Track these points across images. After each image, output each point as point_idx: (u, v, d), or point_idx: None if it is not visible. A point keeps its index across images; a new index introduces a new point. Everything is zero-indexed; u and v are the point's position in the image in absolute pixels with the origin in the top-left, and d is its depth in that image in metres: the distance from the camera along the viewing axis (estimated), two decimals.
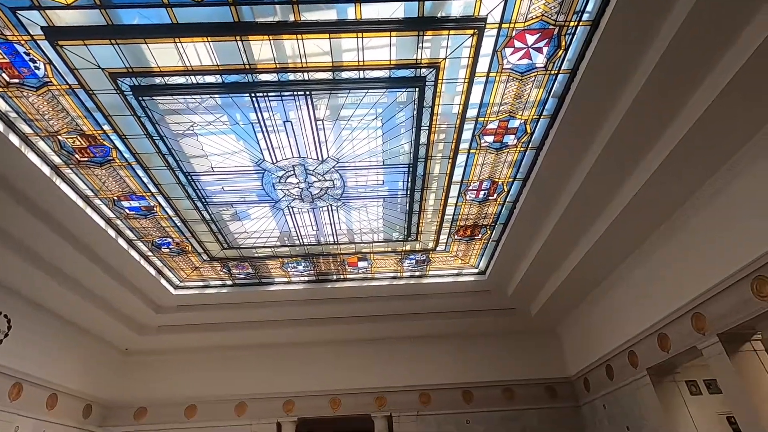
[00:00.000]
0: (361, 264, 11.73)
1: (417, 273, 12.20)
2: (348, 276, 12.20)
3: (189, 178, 8.28)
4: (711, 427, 9.58)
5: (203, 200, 8.92)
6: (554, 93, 6.97)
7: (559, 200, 8.96)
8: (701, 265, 8.14)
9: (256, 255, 11.09)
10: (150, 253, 10.59)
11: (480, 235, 10.71)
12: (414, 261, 11.68)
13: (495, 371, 14.06)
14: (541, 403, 13.54)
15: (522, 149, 8.10)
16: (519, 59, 6.43)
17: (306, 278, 12.14)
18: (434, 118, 7.35)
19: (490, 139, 7.87)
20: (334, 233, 10.40)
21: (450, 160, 8.29)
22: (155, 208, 9.09)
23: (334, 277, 12.18)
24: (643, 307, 9.97)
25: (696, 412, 9.66)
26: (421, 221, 10.07)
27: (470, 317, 13.66)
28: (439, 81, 6.71)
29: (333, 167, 8.32)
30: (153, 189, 8.51)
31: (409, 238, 10.65)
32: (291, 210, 9.48)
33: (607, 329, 11.60)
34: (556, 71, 6.59)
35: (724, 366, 7.81)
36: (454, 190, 9.14)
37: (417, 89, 6.81)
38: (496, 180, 8.91)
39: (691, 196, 8.16)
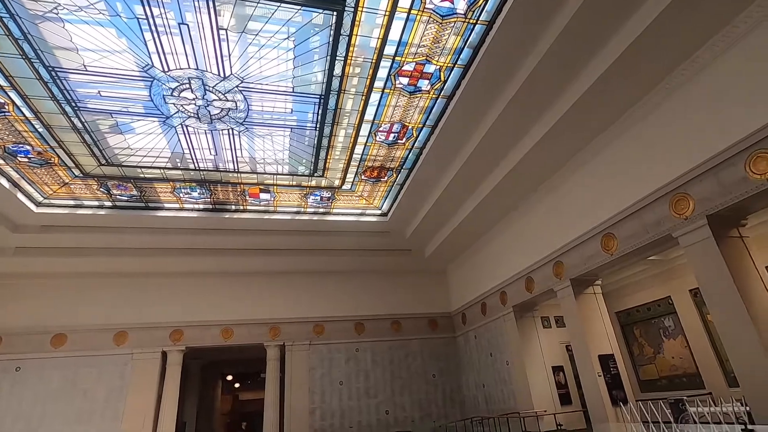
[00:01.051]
0: (263, 196, 11.27)
1: (321, 210, 12.16)
2: (248, 207, 11.68)
3: (53, 74, 6.89)
4: (554, 352, 11.67)
5: (73, 104, 7.56)
6: (470, 43, 7.04)
7: (462, 151, 9.43)
8: (563, 223, 9.56)
9: (141, 176, 9.94)
10: (1, 161, 8.86)
11: (386, 178, 10.91)
12: (319, 197, 11.57)
13: (386, 306, 15.14)
14: (423, 333, 15.07)
15: (434, 96, 8.20)
16: (442, 0, 6.30)
17: (201, 206, 11.35)
18: (351, 49, 6.98)
19: (404, 81, 7.79)
20: (235, 160, 9.72)
21: (363, 97, 8.08)
22: (6, 106, 7.49)
23: (233, 207, 11.58)
24: (517, 256, 11.36)
25: (545, 341, 11.63)
26: (329, 157, 9.87)
27: (369, 256, 14.27)
28: (359, 8, 6.31)
29: (236, 87, 7.57)
30: (2, 81, 6.95)
31: (316, 174, 10.44)
32: (185, 129, 8.54)
33: (486, 272, 13.07)
34: (474, 20, 6.61)
35: (570, 305, 9.38)
36: (365, 130, 9.03)
37: (335, 13, 6.34)
38: (407, 124, 8.99)
39: (564, 164, 9.32)
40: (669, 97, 6.98)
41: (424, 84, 7.90)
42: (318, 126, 8.74)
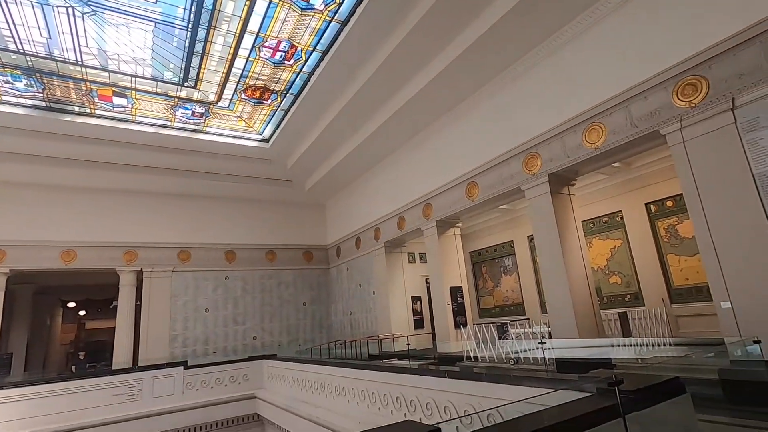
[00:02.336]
0: (117, 101, 9.57)
1: (192, 126, 10.89)
2: (98, 112, 9.85)
3: None
4: (415, 284, 12.98)
5: None
6: None
7: (351, 84, 9.19)
8: (435, 170, 10.26)
9: None
10: None
11: (269, 101, 10.15)
12: (190, 112, 10.30)
13: (262, 236, 14.82)
14: (298, 264, 15.30)
15: (327, 18, 7.65)
16: None
17: (30, 102, 9.18)
18: None
19: None
20: (77, 49, 7.92)
21: (248, 2, 7.14)
22: None
23: (77, 109, 9.64)
24: (392, 196, 11.97)
25: (408, 274, 12.83)
26: (203, 67, 8.70)
27: (246, 183, 13.53)
28: None
29: None
30: None
31: (186, 84, 9.17)
32: None
33: (363, 210, 13.57)
34: None
35: (433, 243, 10.39)
36: (248, 42, 8.10)
37: None
38: (296, 44, 8.31)
39: (441, 116, 9.85)
40: (528, 71, 7.69)
41: (317, 1, 7.28)
42: (191, 26, 7.53)
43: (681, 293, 8.73)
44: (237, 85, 9.43)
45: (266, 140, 11.87)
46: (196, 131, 11.01)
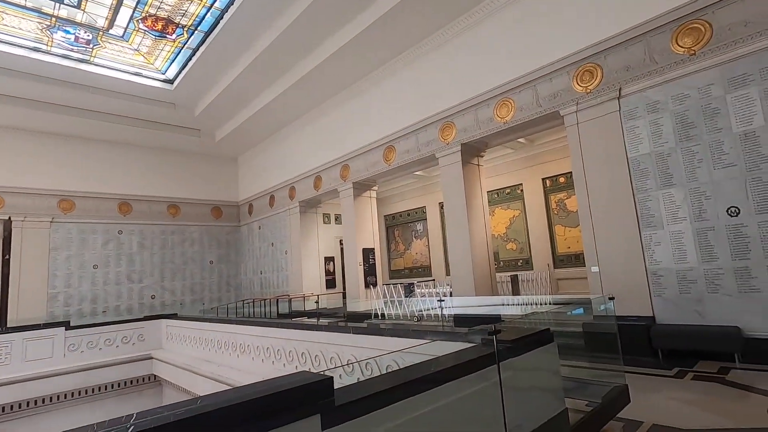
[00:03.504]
0: None
1: (77, 55, 9.30)
2: None
3: None
4: (328, 245, 13.01)
5: None
6: None
7: (270, 30, 8.49)
8: (354, 131, 10.16)
9: None
10: None
11: (174, 36, 9.01)
12: (73, 37, 8.75)
13: (164, 187, 13.56)
14: (206, 221, 14.37)
15: None
16: None
17: None
18: None
19: None
20: None
21: None
22: None
23: None
24: (310, 154, 11.64)
25: (322, 235, 12.79)
26: None
27: (146, 128, 12.09)
28: None
29: None
30: None
31: (66, 1, 7.71)
32: None
33: (279, 167, 13.04)
34: None
35: (349, 205, 10.41)
36: None
37: None
38: None
39: (364, 77, 9.66)
40: (448, 42, 7.81)
41: None
42: None
43: (563, 259, 9.93)
44: (133, 12, 8.18)
45: (170, 81, 10.63)
46: (81, 61, 9.44)
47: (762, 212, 4.55)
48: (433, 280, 12.60)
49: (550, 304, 7.39)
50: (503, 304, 7.82)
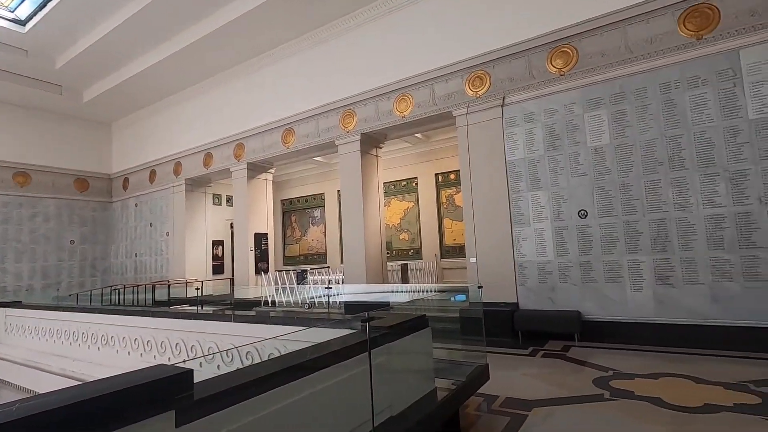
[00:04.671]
0: None
1: None
2: None
3: None
4: (218, 228, 12.16)
5: None
6: None
7: None
8: (253, 108, 9.60)
9: None
10: None
11: None
12: None
13: (8, 149, 11.27)
14: (65, 193, 12.32)
15: None
16: None
17: None
18: None
19: None
20: None
21: None
22: None
23: None
24: (201, 128, 10.69)
25: (211, 217, 11.91)
26: None
27: None
28: None
29: None
30: None
31: None
32: None
33: (164, 138, 11.74)
34: None
35: (242, 186, 9.82)
36: None
37: None
38: None
39: (266, 51, 9.17)
40: (356, 29, 7.83)
41: None
42: None
43: (449, 250, 10.72)
44: None
45: (21, 22, 8.79)
46: None
47: (603, 215, 5.44)
48: (328, 267, 12.62)
49: (434, 291, 7.93)
50: (393, 292, 8.18)
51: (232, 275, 11.48)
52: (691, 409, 3.09)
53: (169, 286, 10.42)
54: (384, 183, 9.14)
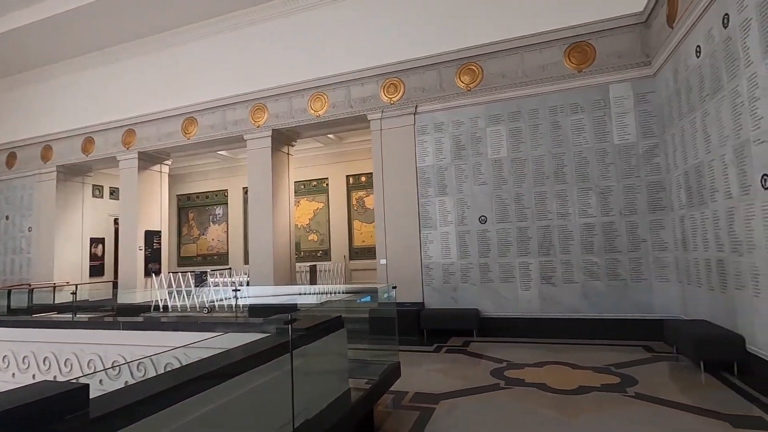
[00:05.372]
0: None
1: None
2: None
3: None
4: (98, 224, 10.67)
5: None
6: None
7: None
8: (147, 91, 8.63)
9: None
10: None
11: None
12: None
13: None
14: None
15: None
16: None
17: None
18: None
19: None
20: None
21: None
22: None
23: None
24: (81, 107, 9.28)
25: (90, 211, 10.41)
26: None
27: None
28: None
29: None
30: None
31: None
32: None
33: (29, 116, 9.96)
34: None
35: (132, 178, 8.76)
36: None
37: None
38: None
39: (163, 32, 8.37)
40: (274, 19, 7.57)
41: None
42: None
43: (358, 252, 10.83)
44: None
45: None
46: None
47: (500, 221, 5.99)
48: (230, 268, 11.88)
49: (343, 293, 7.93)
50: (300, 294, 7.99)
51: (116, 277, 10.17)
52: (569, 391, 3.55)
53: (31, 290, 8.86)
54: (295, 181, 8.90)
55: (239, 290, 5.35)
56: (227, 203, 12.58)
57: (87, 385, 1.23)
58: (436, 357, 4.97)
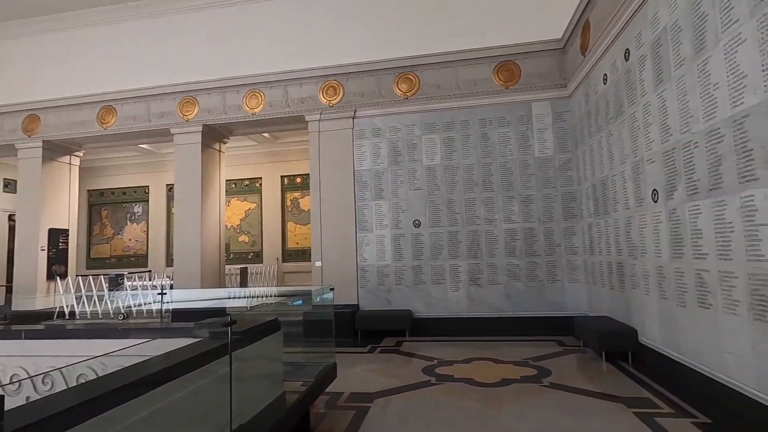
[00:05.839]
0: None
1: None
2: None
3: None
4: None
5: None
6: None
7: None
8: (54, 74, 7.79)
9: None
10: None
11: None
12: None
13: None
14: None
15: None
16: None
17: None
18: None
19: None
20: None
21: None
22: None
23: None
24: None
25: None
26: None
27: None
28: None
29: None
30: None
31: None
32: None
33: None
34: None
35: (33, 169, 7.80)
36: None
37: None
38: None
39: (80, 8, 7.68)
40: (208, 8, 7.26)
41: None
42: None
43: (291, 254, 10.62)
44: None
45: None
46: None
47: (432, 226, 6.26)
48: (150, 271, 11.02)
49: (276, 295, 7.74)
50: (230, 297, 7.66)
51: (9, 281, 8.99)
52: (493, 384, 3.82)
53: None
54: (226, 180, 8.53)
55: (165, 293, 5.00)
56: (148, 200, 11.66)
57: (2, 396, 1.13)
58: (371, 357, 5.06)
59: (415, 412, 3.30)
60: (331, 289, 3.75)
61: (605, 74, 4.75)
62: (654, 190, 3.76)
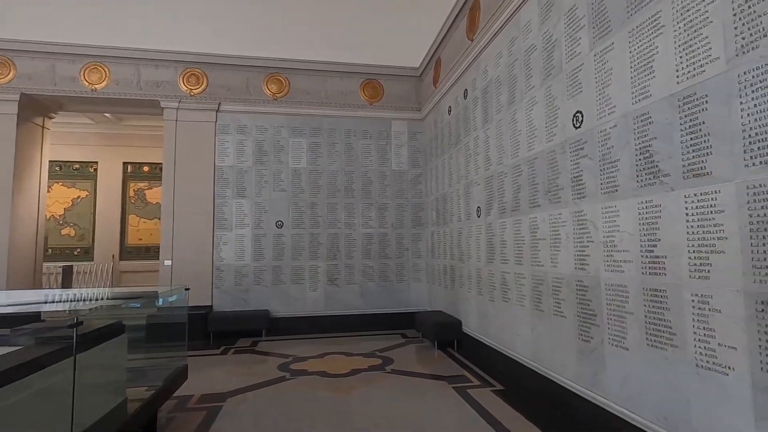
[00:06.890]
0: None
1: None
2: None
3: None
4: None
5: None
6: None
7: None
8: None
9: None
10: None
11: None
12: None
13: None
14: None
15: None
16: None
17: None
18: None
19: None
20: None
21: None
22: None
23: None
24: None
25: None
26: None
27: None
28: None
29: None
30: None
31: None
32: None
33: None
34: None
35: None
36: None
37: None
38: None
39: None
40: None
41: None
42: None
43: (131, 251, 9.44)
44: None
45: None
46: None
47: (295, 227, 6.42)
48: None
49: (110, 297, 6.85)
50: (47, 301, 6.47)
51: None
52: (343, 374, 4.20)
53: None
54: (48, 162, 7.18)
55: None
56: None
57: None
58: (224, 359, 4.97)
59: (269, 405, 3.45)
60: (187, 290, 3.63)
61: (450, 106, 5.63)
62: (478, 207, 4.66)
